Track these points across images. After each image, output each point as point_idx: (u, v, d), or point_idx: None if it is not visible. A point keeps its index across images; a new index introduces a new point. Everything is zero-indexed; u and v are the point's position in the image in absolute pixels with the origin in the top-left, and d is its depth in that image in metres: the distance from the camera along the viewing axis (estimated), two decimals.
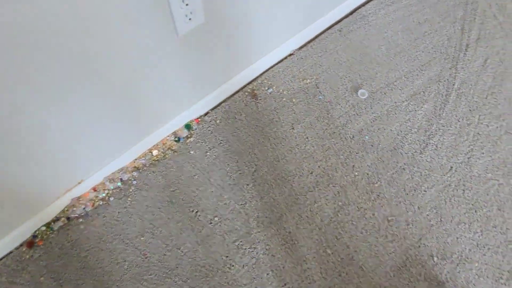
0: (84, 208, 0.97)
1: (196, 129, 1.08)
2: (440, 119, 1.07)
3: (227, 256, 0.92)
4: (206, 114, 1.10)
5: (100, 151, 0.94)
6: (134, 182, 1.01)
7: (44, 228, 0.95)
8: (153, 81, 0.87)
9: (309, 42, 1.22)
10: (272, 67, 1.18)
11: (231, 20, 0.92)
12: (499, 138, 1.04)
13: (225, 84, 1.10)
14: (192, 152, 1.05)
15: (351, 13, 1.27)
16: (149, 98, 0.92)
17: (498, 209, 0.95)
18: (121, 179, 1.01)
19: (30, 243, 0.94)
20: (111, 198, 0.99)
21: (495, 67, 1.15)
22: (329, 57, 1.18)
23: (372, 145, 1.04)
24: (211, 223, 0.95)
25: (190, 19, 0.81)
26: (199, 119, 1.09)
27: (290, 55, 1.19)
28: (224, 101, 1.13)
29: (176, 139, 1.06)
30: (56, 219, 0.96)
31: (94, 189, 0.99)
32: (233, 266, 0.91)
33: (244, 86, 1.15)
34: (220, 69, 1.03)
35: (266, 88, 1.14)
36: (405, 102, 1.10)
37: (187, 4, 0.77)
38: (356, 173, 1.00)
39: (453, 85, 1.13)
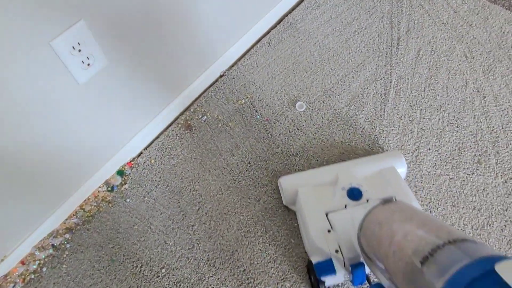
0: (13, 287, 0.87)
1: (130, 173, 1.00)
2: (383, 120, 1.04)
3: None
4: (139, 155, 1.02)
5: (23, 220, 0.85)
6: (68, 246, 0.91)
7: None
8: (74, 130, 0.79)
9: (238, 59, 1.16)
10: (203, 92, 1.11)
11: (144, 54, 0.85)
12: (443, 130, 1.02)
13: (156, 118, 1.02)
14: (128, 200, 0.96)
15: (278, 22, 1.23)
16: (71, 150, 0.83)
17: (452, 206, 0.92)
18: (52, 245, 0.91)
19: None
20: (44, 269, 0.89)
21: (428, 57, 1.13)
22: (261, 72, 1.13)
23: (317, 159, 0.99)
24: (158, 276, 0.87)
25: (88, 64, 0.73)
26: (132, 162, 1.01)
27: (220, 76, 1.13)
28: (157, 137, 1.05)
29: (109, 188, 0.97)
30: None
31: (23, 263, 0.89)
32: None
33: (176, 118, 1.08)
34: (146, 105, 0.96)
35: (200, 116, 1.07)
36: (345, 108, 1.06)
37: (79, 50, 0.69)
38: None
39: (390, 82, 1.10)
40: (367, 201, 0.79)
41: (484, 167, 0.96)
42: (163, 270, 0.88)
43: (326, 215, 0.79)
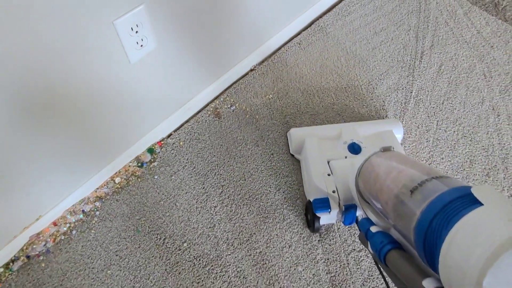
0: (44, 245, 0.93)
1: (159, 152, 1.06)
2: None
3: (198, 283, 0.90)
4: (168, 136, 1.08)
5: (59, 184, 0.91)
6: (97, 213, 0.97)
7: (2, 269, 0.90)
8: (112, 107, 0.85)
9: (269, 56, 1.22)
10: (233, 83, 1.17)
11: (187, 41, 0.91)
12: (457, 142, 1.07)
13: (187, 104, 1.08)
14: (156, 177, 1.02)
15: (309, 25, 1.28)
16: (109, 124, 0.89)
17: None
18: (83, 210, 0.97)
19: None
20: (73, 232, 0.95)
21: (449, 72, 1.19)
22: (289, 71, 1.19)
23: None
24: (179, 249, 0.93)
25: (141, 45, 0.79)
26: (162, 142, 1.07)
27: (251, 70, 1.19)
28: (186, 121, 1.11)
29: (139, 164, 1.03)
30: (15, 259, 0.91)
31: (55, 224, 0.95)
32: None
33: (207, 105, 1.14)
34: (181, 88, 1.02)
35: (229, 106, 1.13)
36: (367, 113, 1.12)
37: (136, 32, 0.76)
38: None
39: (411, 92, 1.16)
40: None
41: (492, 180, 1.01)
42: (185, 244, 0.94)
43: (328, 162, 0.89)
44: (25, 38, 0.59)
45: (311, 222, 0.89)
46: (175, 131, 1.09)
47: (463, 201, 0.43)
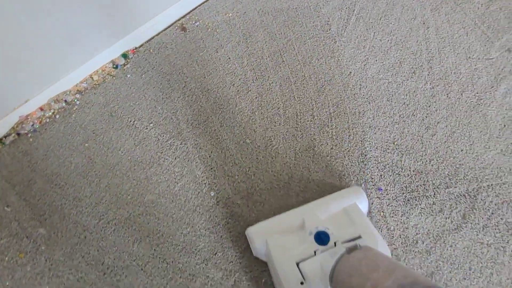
0: (32, 125, 1.10)
1: (132, 57, 1.23)
2: (342, 37, 1.27)
3: (161, 152, 1.07)
4: (140, 46, 1.25)
5: (44, 72, 1.08)
6: (77, 102, 1.14)
7: None
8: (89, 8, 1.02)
9: None
10: (199, 6, 1.34)
11: None
12: (389, 48, 1.24)
13: (158, 16, 1.25)
14: (129, 76, 1.19)
15: None
16: (84, 22, 1.06)
17: (387, 100, 1.14)
18: (65, 100, 1.14)
19: None
20: (57, 116, 1.12)
21: None
22: None
23: (283, 61, 1.22)
24: (146, 128, 1.10)
25: None
26: (134, 50, 1.24)
27: None
28: (157, 34, 1.28)
29: (114, 66, 1.20)
30: (7, 135, 1.08)
31: (41, 109, 1.12)
32: (166, 159, 1.06)
33: (174, 22, 1.31)
34: (151, 3, 1.19)
35: (194, 22, 1.30)
36: (312, 28, 1.29)
37: None
38: (270, 82, 1.18)
39: (353, 11, 1.33)
40: (335, 244, 0.79)
41: (418, 77, 1.18)
42: (151, 125, 1.11)
43: (297, 264, 0.78)
44: None
45: None
46: (146, 42, 1.26)
47: None
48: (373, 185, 1.02)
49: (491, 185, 1.02)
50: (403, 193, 1.02)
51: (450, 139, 1.08)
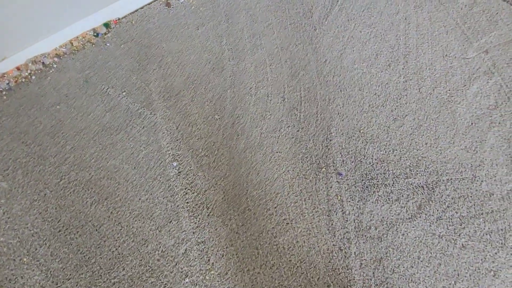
0: (8, 83, 1.12)
1: (114, 27, 1.25)
2: (323, 25, 1.28)
3: (130, 120, 1.09)
4: (123, 17, 1.27)
5: (23, 32, 1.09)
6: (55, 66, 1.16)
7: None
8: None
9: None
10: None
11: None
12: (368, 40, 1.25)
13: None
14: (108, 45, 1.21)
15: None
16: None
17: (358, 90, 1.16)
18: (43, 62, 1.16)
19: None
20: (33, 77, 1.14)
21: None
22: None
23: (261, 44, 1.23)
24: (119, 96, 1.12)
25: None
26: (117, 21, 1.26)
27: None
28: (141, 7, 1.30)
29: (95, 34, 1.22)
30: None
31: (18, 68, 1.14)
32: (134, 127, 1.08)
33: None
34: None
35: None
36: (295, 14, 1.30)
37: None
38: (246, 63, 1.19)
39: (337, 1, 1.34)
40: None
41: (392, 70, 1.19)
42: (124, 93, 1.12)
43: None
44: None
45: None
46: (130, 14, 1.28)
47: None
48: (334, 170, 1.04)
49: (451, 179, 1.03)
50: (362, 180, 1.03)
51: (416, 132, 1.09)
